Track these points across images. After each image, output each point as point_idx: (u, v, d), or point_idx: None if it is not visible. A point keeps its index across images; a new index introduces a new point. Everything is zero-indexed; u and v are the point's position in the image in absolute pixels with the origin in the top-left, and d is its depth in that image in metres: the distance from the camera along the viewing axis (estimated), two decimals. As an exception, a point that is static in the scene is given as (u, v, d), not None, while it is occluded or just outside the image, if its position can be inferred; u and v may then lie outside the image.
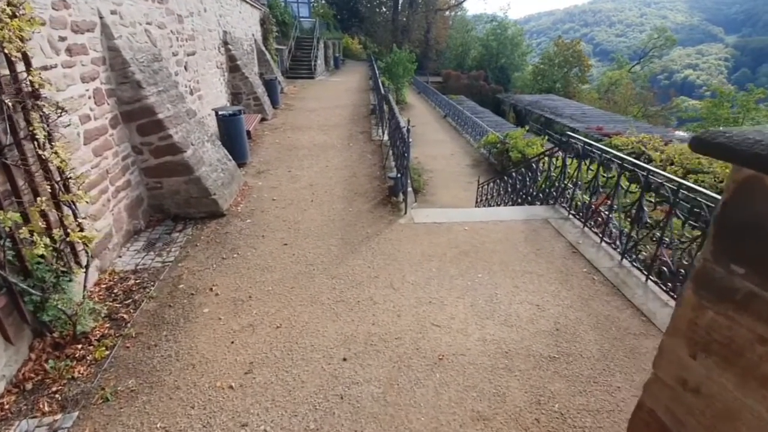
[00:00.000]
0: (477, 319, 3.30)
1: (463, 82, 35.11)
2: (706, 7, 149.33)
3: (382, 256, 4.26)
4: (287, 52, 20.49)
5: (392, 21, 37.52)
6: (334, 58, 26.47)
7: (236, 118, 6.90)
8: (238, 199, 5.67)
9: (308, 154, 7.81)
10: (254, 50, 14.26)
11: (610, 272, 3.98)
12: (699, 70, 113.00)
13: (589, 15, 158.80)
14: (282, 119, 10.88)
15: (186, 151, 5.01)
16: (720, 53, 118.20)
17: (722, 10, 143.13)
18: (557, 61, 37.27)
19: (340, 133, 9.40)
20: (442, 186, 12.08)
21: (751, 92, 20.64)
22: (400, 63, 21.25)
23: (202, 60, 8.13)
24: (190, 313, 3.42)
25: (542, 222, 5.07)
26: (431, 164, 13.90)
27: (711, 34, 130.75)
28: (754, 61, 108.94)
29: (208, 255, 4.30)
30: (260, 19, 16.47)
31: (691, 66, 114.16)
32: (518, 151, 11.58)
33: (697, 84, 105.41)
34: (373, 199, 5.76)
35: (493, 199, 8.13)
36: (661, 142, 16.42)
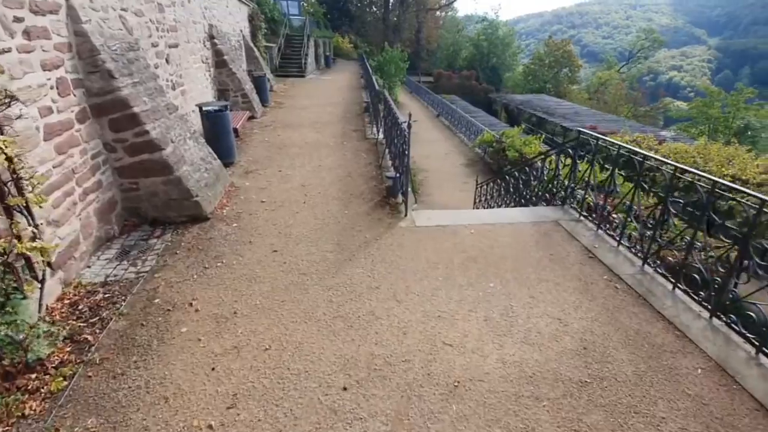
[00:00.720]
0: (493, 337, 2.91)
1: (455, 81, 34.85)
2: (690, 9, 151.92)
3: (382, 263, 3.84)
4: (277, 50, 19.97)
5: (383, 20, 37.11)
6: (325, 56, 25.97)
7: (222, 115, 6.42)
8: (224, 202, 5.20)
9: (300, 152, 7.35)
10: (242, 47, 13.74)
11: (632, 279, 3.62)
12: (683, 72, 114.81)
13: (576, 17, 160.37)
14: (272, 117, 10.39)
15: (165, 148, 4.53)
16: (703, 55, 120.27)
17: (705, 13, 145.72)
18: (548, 61, 37.24)
19: (333, 131, 8.95)
20: (437, 186, 11.71)
21: (741, 92, 20.67)
22: (392, 61, 20.83)
23: (186, 53, 7.62)
24: (165, 333, 2.96)
25: (553, 224, 4.70)
26: (426, 164, 13.52)
27: (694, 36, 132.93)
28: (736, 62, 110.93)
29: (188, 264, 3.84)
30: (249, 16, 15.99)
31: (675, 67, 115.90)
32: (515, 150, 11.26)
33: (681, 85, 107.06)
34: (370, 200, 5.34)
35: (493, 199, 7.77)
36: (655, 141, 16.30)
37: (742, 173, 12.18)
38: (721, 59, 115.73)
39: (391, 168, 6.22)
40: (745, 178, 12.00)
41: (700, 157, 13.63)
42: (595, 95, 36.35)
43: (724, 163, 12.84)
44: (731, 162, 13.24)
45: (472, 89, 34.00)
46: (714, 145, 14.84)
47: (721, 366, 2.72)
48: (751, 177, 11.91)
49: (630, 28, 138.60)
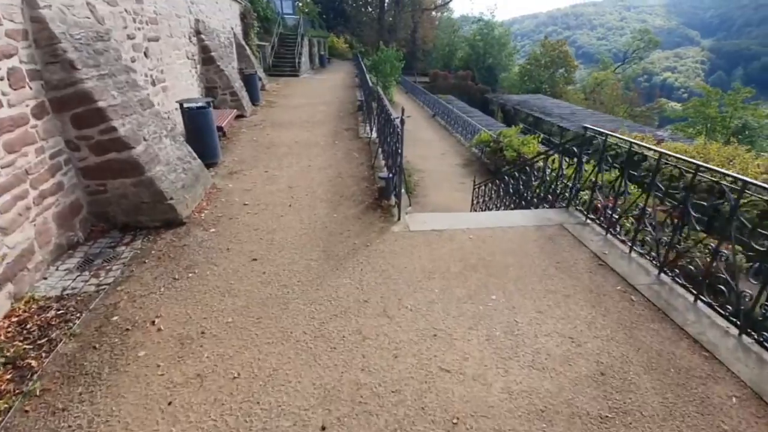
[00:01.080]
0: (497, 360, 2.53)
1: (451, 81, 34.54)
2: (683, 11, 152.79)
3: (372, 273, 3.45)
4: (270, 49, 19.60)
5: (378, 20, 36.77)
6: (320, 56, 25.59)
7: (204, 112, 6.02)
8: (203, 204, 4.80)
9: (288, 152, 6.95)
10: (233, 44, 13.34)
11: (649, 290, 3.26)
12: (677, 73, 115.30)
13: (571, 18, 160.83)
14: (262, 116, 9.99)
15: (135, 147, 4.13)
16: (697, 56, 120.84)
17: (698, 14, 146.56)
18: (544, 61, 37.01)
19: (325, 130, 8.56)
20: (433, 187, 11.34)
21: (738, 91, 20.45)
22: (387, 61, 20.48)
23: (168, 48, 7.21)
24: (119, 358, 2.56)
25: (557, 228, 4.33)
26: (422, 164, 13.16)
27: (688, 37, 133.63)
28: (729, 63, 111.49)
29: (156, 275, 3.43)
30: (240, 14, 15.60)
31: (669, 68, 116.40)
32: (513, 149, 10.92)
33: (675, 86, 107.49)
34: (361, 202, 4.95)
35: (491, 201, 7.41)
36: (653, 140, 16.03)
37: (744, 173, 11.92)
38: (715, 60, 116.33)
39: (384, 168, 5.84)
40: (747, 179, 11.77)
41: (700, 157, 13.37)
42: (592, 96, 36.14)
43: (725, 163, 12.56)
44: (732, 162, 12.99)
45: (468, 89, 33.70)
46: (713, 144, 14.59)
47: (758, 393, 2.36)
48: (752, 177, 11.66)
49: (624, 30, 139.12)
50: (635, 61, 48.79)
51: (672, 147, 14.64)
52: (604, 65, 41.92)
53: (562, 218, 4.57)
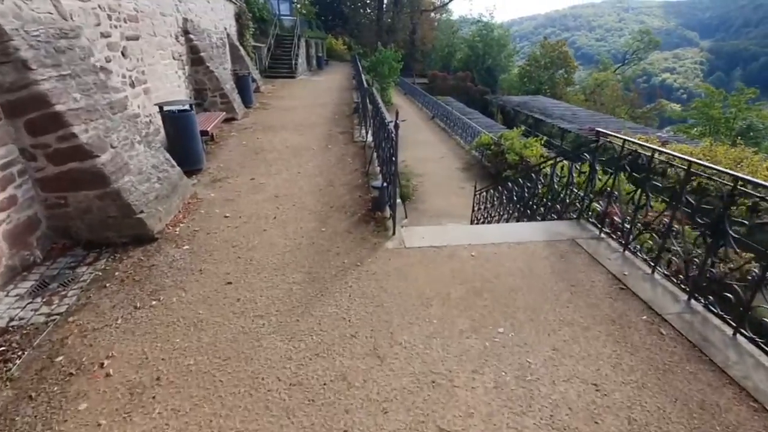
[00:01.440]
0: (509, 416, 2.09)
1: (450, 83, 34.13)
2: (682, 12, 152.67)
3: (362, 299, 3.02)
4: (266, 50, 19.21)
5: (377, 21, 36.39)
6: (317, 57, 25.19)
7: (186, 115, 5.59)
8: (179, 217, 4.37)
9: (278, 158, 6.52)
10: (226, 45, 12.93)
11: (679, 321, 2.82)
12: (676, 74, 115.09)
13: (569, 19, 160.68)
14: (254, 119, 9.56)
15: (100, 155, 3.70)
16: (695, 57, 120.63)
17: (697, 15, 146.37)
18: (543, 62, 36.59)
19: (318, 133, 8.14)
20: (433, 192, 10.91)
21: (742, 92, 20.03)
22: (385, 62, 20.07)
23: (151, 47, 6.78)
24: (56, 412, 2.12)
25: (569, 243, 3.90)
26: (420, 168, 12.72)
27: (687, 38, 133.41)
28: (728, 64, 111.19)
29: (115, 302, 3.00)
30: (235, 14, 15.23)
31: (668, 69, 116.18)
32: (515, 153, 10.49)
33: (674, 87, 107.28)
34: (353, 214, 4.52)
35: (494, 208, 6.98)
36: (658, 142, 15.62)
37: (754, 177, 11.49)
38: (713, 61, 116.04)
39: (379, 176, 5.43)
40: (757, 182, 11.33)
41: (707, 160, 12.95)
42: (592, 96, 35.71)
43: (733, 166, 12.15)
44: (740, 164, 12.57)
45: (467, 90, 33.28)
46: (720, 146, 14.17)
47: (825, 458, 1.93)
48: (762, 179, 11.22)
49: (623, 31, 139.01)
50: (635, 62, 48.42)
51: (677, 149, 14.23)
52: (604, 66, 41.51)
53: (574, 232, 4.14)
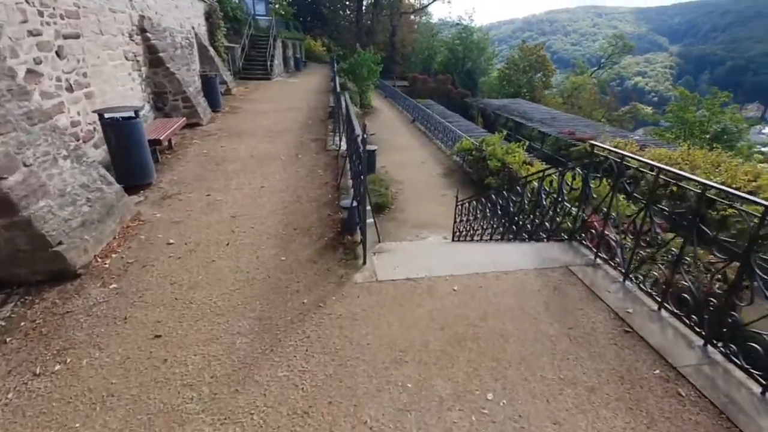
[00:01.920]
0: None
1: (430, 85, 33.82)
2: (652, 18, 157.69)
3: (322, 355, 2.46)
4: (240, 51, 18.44)
5: (356, 23, 35.82)
6: (295, 59, 24.44)
7: (131, 123, 4.91)
8: (114, 245, 3.71)
9: (242, 169, 5.89)
10: (194, 45, 12.16)
11: (698, 376, 2.37)
12: (647, 77, 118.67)
13: (546, 24, 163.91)
14: (220, 124, 8.86)
15: (7, 176, 3.03)
16: (665, 61, 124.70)
17: (666, 21, 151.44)
18: (522, 66, 36.73)
19: (289, 140, 7.52)
20: (413, 199, 10.40)
21: (715, 95, 20.32)
22: (365, 64, 19.50)
23: (97, 47, 6.05)
24: None
25: (563, 272, 3.43)
26: (400, 174, 12.22)
27: (656, 43, 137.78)
28: (696, 68, 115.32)
29: (12, 366, 2.35)
30: (205, 13, 14.46)
31: (640, 73, 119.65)
32: (497, 159, 10.10)
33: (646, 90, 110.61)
34: (319, 238, 3.95)
35: (477, 221, 6.50)
36: (637, 146, 15.55)
37: (732, 180, 11.43)
38: (682, 65, 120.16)
39: (351, 190, 4.87)
40: (736, 186, 11.26)
41: (686, 164, 12.88)
42: (569, 100, 36.02)
43: (712, 171, 12.09)
44: (718, 169, 12.53)
45: (447, 93, 33.04)
46: (698, 150, 14.17)
47: None
48: (742, 185, 11.17)
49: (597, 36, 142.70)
50: (610, 66, 49.29)
51: (656, 153, 14.16)
52: (580, 70, 42.05)
53: (567, 257, 3.68)
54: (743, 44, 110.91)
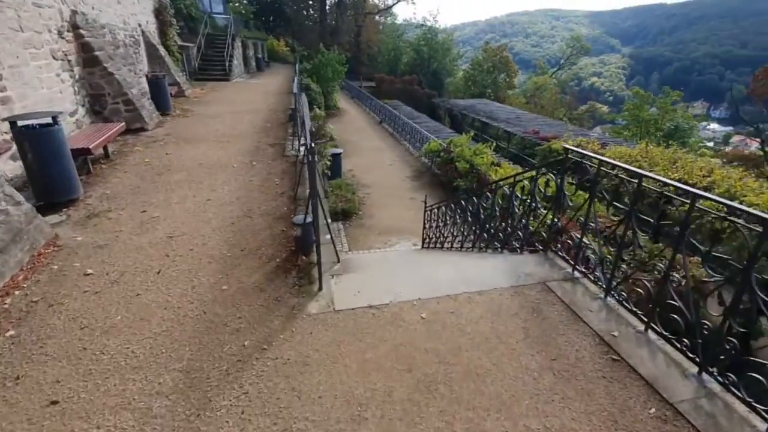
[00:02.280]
0: None
1: (397, 86, 33.59)
2: (605, 21, 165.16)
3: (261, 417, 1.99)
4: (196, 50, 17.47)
5: (320, 23, 35.10)
6: (256, 59, 23.53)
7: (49, 131, 4.22)
8: (19, 279, 3.07)
9: (186, 179, 5.27)
10: (140, 44, 11.27)
11: (697, 414, 2.07)
12: (603, 78, 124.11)
13: (507, 26, 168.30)
14: (169, 128, 8.12)
15: None
16: (618, 62, 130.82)
17: (618, 24, 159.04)
18: (486, 66, 37.17)
19: (244, 146, 6.93)
20: (382, 204, 10.00)
21: (667, 95, 21.18)
22: (329, 64, 18.95)
23: (15, 45, 5.25)
24: None
25: (540, 289, 3.11)
26: (368, 177, 11.80)
27: (610, 45, 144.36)
28: (647, 69, 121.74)
29: None
30: (155, 10, 13.54)
31: (596, 74, 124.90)
32: (465, 161, 9.86)
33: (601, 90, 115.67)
34: (270, 259, 3.46)
35: (446, 228, 6.17)
36: (598, 144, 15.84)
37: (689, 176, 11.74)
38: (634, 66, 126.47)
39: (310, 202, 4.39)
40: (693, 182, 11.57)
41: (645, 161, 13.16)
42: (532, 99, 36.81)
43: (669, 167, 12.41)
44: (675, 165, 12.88)
45: (414, 94, 32.92)
46: (656, 148, 14.58)
47: None
48: (698, 180, 11.48)
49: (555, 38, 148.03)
50: (568, 67, 50.90)
51: (617, 151, 14.42)
52: (542, 70, 43.15)
53: (544, 271, 3.37)
54: (689, 46, 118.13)
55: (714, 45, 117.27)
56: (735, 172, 12.34)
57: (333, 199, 9.26)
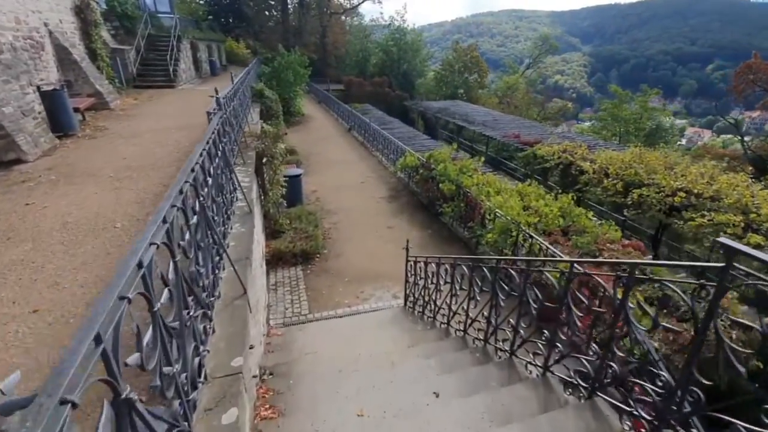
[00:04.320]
0: None
1: (367, 89, 31.64)
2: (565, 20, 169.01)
3: None
4: (135, 54, 15.01)
5: (282, 23, 32.68)
6: (210, 62, 21.01)
7: None
8: None
9: (23, 260, 3.17)
10: (44, 47, 8.86)
11: None
12: (566, 75, 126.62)
13: (473, 27, 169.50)
14: (59, 158, 5.90)
15: None
16: (580, 60, 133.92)
17: (577, 24, 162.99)
18: (457, 66, 35.76)
19: (149, 185, 4.83)
20: (352, 236, 8.07)
21: (645, 93, 20.20)
22: (290, 67, 16.78)
23: None
24: None
25: None
26: (335, 200, 9.83)
27: (571, 44, 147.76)
28: (606, 66, 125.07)
29: None
30: (75, 7, 11.17)
31: (559, 72, 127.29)
32: (450, 181, 8.05)
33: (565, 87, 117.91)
34: None
35: (439, 293, 4.29)
36: (586, 149, 14.39)
37: (693, 185, 10.36)
38: (594, 64, 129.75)
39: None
40: (697, 192, 10.20)
41: (642, 168, 11.75)
42: (504, 99, 35.68)
43: (669, 175, 11.02)
44: (674, 171, 11.51)
45: (385, 96, 31.07)
46: (650, 152, 13.23)
47: None
48: (702, 190, 10.11)
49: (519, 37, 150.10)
50: (536, 66, 50.38)
51: (607, 156, 12.96)
52: (512, 70, 42.23)
53: None
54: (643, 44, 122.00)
55: (666, 43, 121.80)
56: (739, 179, 11.10)
57: (290, 236, 7.25)
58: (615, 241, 7.84)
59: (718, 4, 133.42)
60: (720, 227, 9.06)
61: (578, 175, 12.68)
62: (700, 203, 9.71)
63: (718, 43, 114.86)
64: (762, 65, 16.34)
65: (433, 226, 8.39)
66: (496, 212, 6.54)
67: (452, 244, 7.71)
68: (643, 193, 10.41)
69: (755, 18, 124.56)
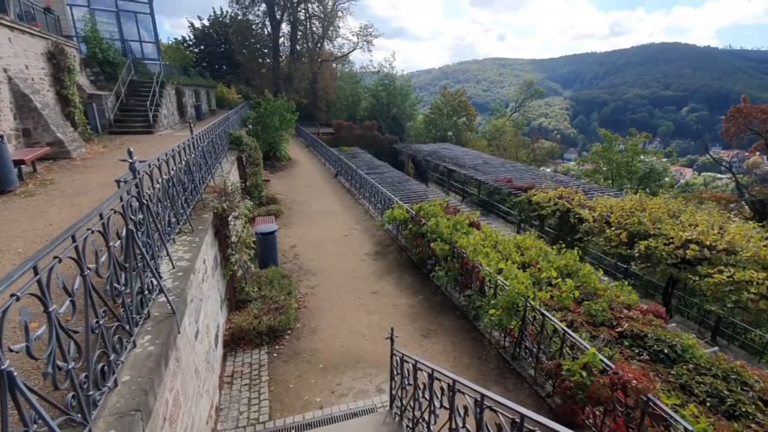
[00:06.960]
0: None
1: (356, 132, 31.49)
2: (545, 68, 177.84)
3: None
4: (115, 99, 14.39)
5: (273, 70, 33.00)
6: (196, 107, 20.52)
7: None
8: None
9: None
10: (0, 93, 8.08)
11: None
12: (549, 118, 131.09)
13: (459, 73, 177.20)
14: (-29, 226, 4.82)
15: None
16: (562, 104, 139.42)
17: (557, 71, 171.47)
18: (446, 110, 36.17)
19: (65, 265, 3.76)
20: (331, 305, 6.93)
21: (634, 135, 20.01)
22: (276, 113, 16.24)
23: None
24: None
25: None
26: (316, 257, 8.75)
27: (552, 89, 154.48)
28: (586, 109, 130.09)
29: None
30: (47, 53, 10.56)
31: (543, 114, 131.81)
32: (443, 240, 7.07)
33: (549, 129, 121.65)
34: None
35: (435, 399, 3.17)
36: (583, 195, 13.66)
37: (705, 237, 9.53)
38: (575, 107, 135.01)
39: None
40: (709, 244, 9.33)
41: (646, 216, 10.93)
42: (494, 142, 35.86)
43: (676, 224, 10.20)
44: (678, 218, 10.73)
45: (375, 140, 30.87)
46: (651, 199, 12.55)
47: None
48: (715, 241, 9.26)
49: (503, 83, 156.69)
50: (522, 109, 51.55)
51: (607, 204, 12.16)
52: (499, 113, 42.95)
53: None
54: (620, 89, 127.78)
55: (642, 87, 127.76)
56: (749, 228, 10.29)
57: (257, 307, 6.10)
58: (632, 306, 6.83)
59: (689, 51, 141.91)
60: (742, 285, 8.17)
61: (577, 223, 11.86)
62: (715, 256, 8.85)
63: (691, 87, 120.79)
64: (752, 109, 16.36)
65: (424, 290, 7.30)
66: (498, 280, 5.54)
67: (447, 313, 6.61)
68: (650, 245, 9.55)
69: (723, 64, 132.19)
